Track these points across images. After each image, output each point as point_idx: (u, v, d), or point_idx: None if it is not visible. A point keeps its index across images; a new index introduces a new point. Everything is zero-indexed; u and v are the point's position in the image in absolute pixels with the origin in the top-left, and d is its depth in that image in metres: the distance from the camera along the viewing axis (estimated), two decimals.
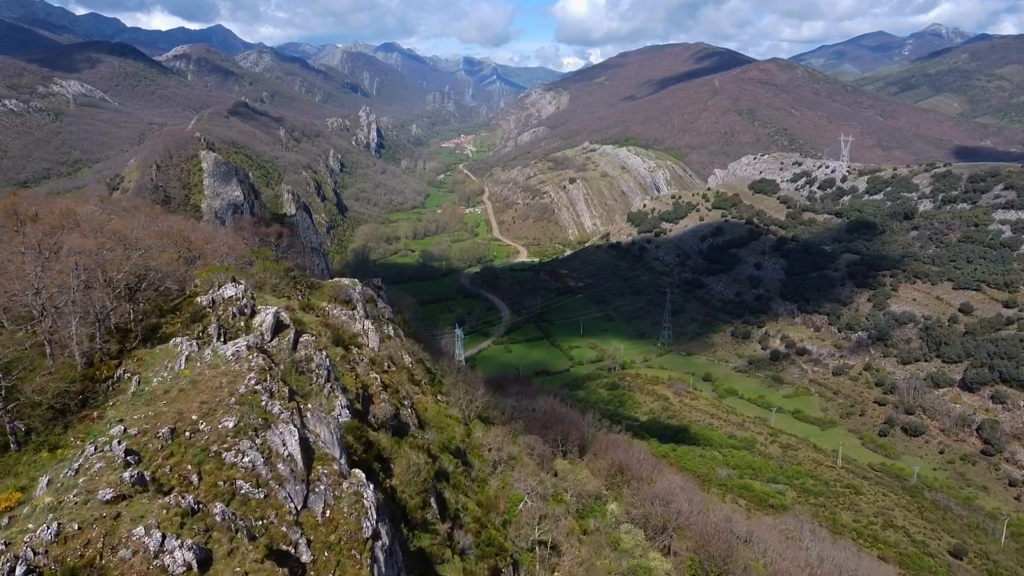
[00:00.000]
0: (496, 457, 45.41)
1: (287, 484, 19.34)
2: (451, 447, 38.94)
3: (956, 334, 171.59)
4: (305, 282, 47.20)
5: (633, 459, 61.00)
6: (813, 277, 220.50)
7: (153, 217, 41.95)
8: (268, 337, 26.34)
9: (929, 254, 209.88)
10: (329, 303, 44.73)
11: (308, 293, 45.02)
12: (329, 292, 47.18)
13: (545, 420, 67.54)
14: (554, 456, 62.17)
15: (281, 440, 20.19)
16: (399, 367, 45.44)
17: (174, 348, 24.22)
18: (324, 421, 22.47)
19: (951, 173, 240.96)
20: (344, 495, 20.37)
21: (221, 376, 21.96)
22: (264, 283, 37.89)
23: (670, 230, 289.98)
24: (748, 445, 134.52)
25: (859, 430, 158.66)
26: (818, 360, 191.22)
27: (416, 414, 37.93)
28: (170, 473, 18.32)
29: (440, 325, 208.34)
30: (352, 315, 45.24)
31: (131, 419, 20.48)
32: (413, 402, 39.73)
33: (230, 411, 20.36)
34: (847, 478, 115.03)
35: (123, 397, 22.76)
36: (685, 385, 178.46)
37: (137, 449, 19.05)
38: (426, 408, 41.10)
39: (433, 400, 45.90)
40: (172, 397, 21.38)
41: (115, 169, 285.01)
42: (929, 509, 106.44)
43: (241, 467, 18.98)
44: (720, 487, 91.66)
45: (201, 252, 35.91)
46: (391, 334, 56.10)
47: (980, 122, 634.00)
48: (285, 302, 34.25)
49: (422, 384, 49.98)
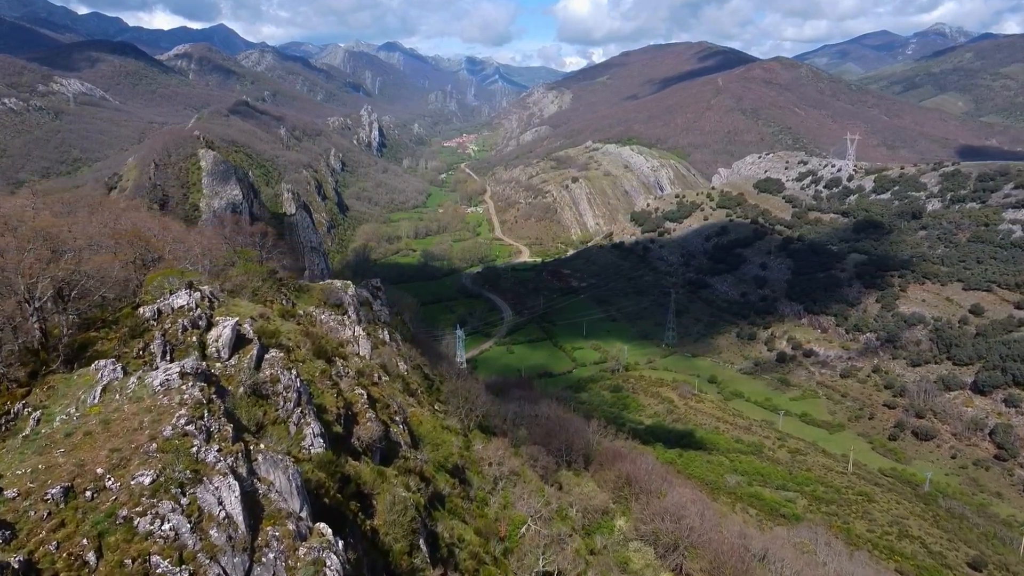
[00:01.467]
0: (497, 472, 42.40)
1: (222, 556, 15.24)
2: (448, 465, 35.89)
3: (967, 336, 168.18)
4: (293, 285, 44.14)
5: (641, 471, 57.92)
6: (820, 277, 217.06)
7: (116, 214, 38.52)
8: (226, 354, 22.34)
9: (938, 254, 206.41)
10: (317, 308, 41.67)
11: (295, 297, 41.99)
12: (318, 296, 44.11)
13: (548, 428, 64.51)
14: (558, 467, 59.17)
15: (216, 497, 15.97)
16: (393, 376, 42.44)
17: (94, 374, 19.38)
18: (281, 464, 18.06)
19: (960, 172, 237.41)
20: (301, 564, 16.09)
21: (143, 413, 17.46)
22: (244, 287, 34.67)
23: (674, 230, 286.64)
24: (756, 450, 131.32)
25: (868, 434, 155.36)
26: (825, 362, 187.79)
27: (409, 430, 34.81)
28: (56, 552, 13.83)
29: (441, 326, 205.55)
30: (342, 320, 42.14)
31: (12, 475, 16.11)
32: (406, 416, 36.64)
33: (148, 461, 16.20)
34: (859, 485, 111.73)
35: (12, 443, 17.58)
36: (690, 387, 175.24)
37: (13, 519, 14.66)
38: (421, 422, 37.95)
39: (429, 412, 42.75)
40: (75, 443, 16.85)
41: (114, 168, 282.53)
42: (944, 518, 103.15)
43: (159, 537, 14.87)
44: (729, 496, 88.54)
45: (162, 254, 32.54)
46: (386, 339, 53.05)
47: (985, 121, 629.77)
48: (262, 309, 31.14)
49: (418, 394, 46.95)
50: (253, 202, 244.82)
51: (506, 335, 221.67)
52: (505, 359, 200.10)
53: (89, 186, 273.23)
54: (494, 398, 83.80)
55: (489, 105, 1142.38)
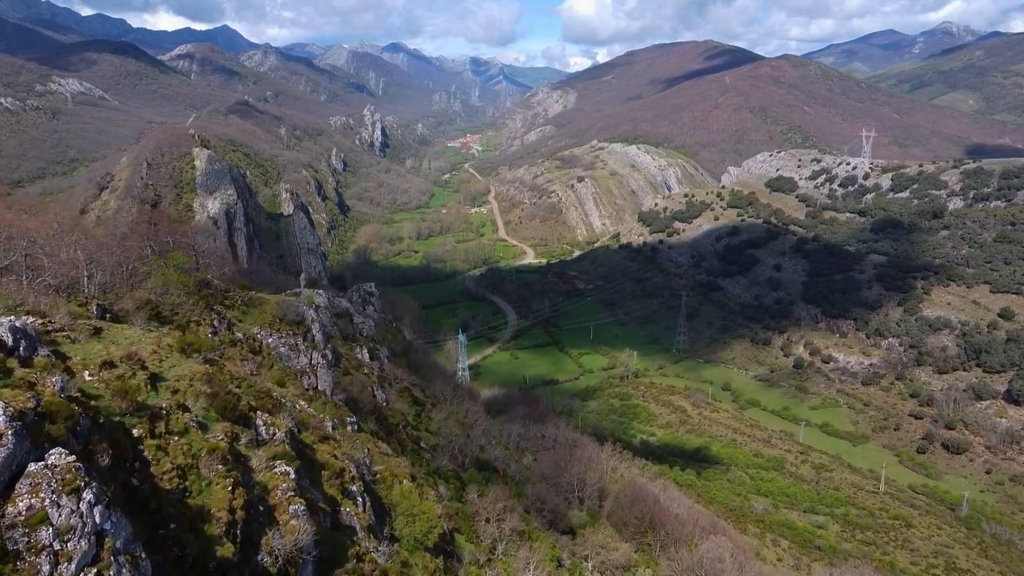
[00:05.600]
0: (496, 532, 34.23)
1: None
2: (429, 541, 27.58)
3: (997, 341, 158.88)
4: (242, 298, 35.60)
5: (668, 516, 49.49)
6: (837, 279, 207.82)
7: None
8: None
9: (962, 255, 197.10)
10: (267, 328, 33.49)
11: (240, 314, 33.58)
12: (272, 311, 35.80)
13: (557, 458, 56.10)
14: (569, 505, 50.66)
15: None
16: (364, 413, 34.22)
17: None
18: None
19: (982, 169, 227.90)
20: None
21: None
22: (145, 306, 26.25)
23: (683, 230, 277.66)
24: (777, 465, 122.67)
25: (894, 446, 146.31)
26: (845, 369, 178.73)
27: (375, 499, 26.39)
28: None
29: (443, 330, 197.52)
30: (296, 345, 33.86)
31: None
32: (374, 477, 28.26)
33: None
34: (893, 506, 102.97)
35: None
36: (704, 395, 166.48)
37: None
38: (393, 482, 29.34)
39: (409, 461, 34.06)
40: None
41: (110, 168, 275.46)
42: (991, 545, 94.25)
43: None
44: (758, 524, 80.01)
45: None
46: (365, 359, 44.70)
47: (997, 119, 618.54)
48: (152, 341, 22.78)
49: (400, 429, 38.56)
50: (248, 202, 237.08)
51: (510, 339, 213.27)
52: (509, 365, 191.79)
53: (82, 187, 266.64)
54: (496, 416, 75.55)
55: (493, 105, 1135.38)
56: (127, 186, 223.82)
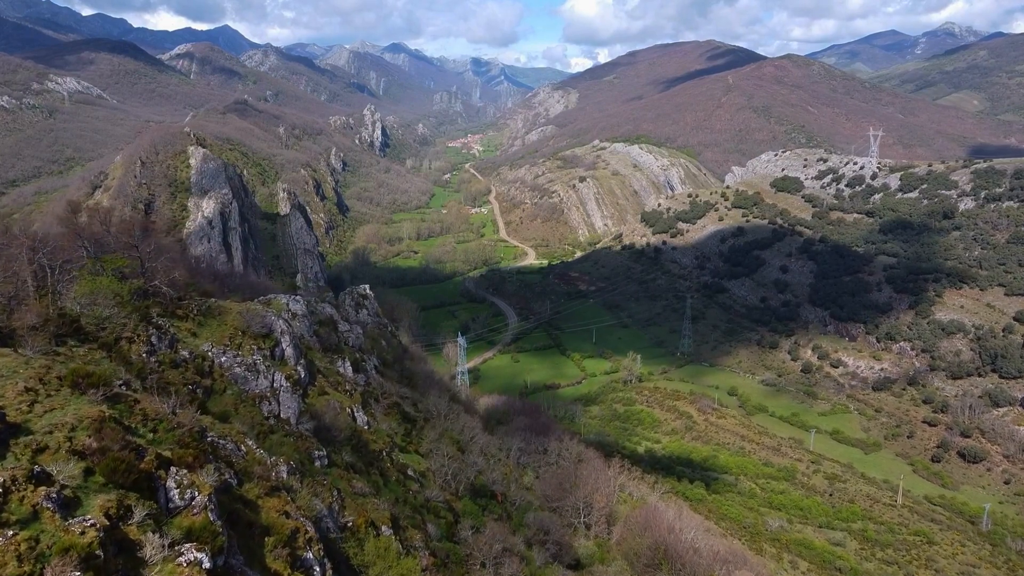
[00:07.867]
0: None
1: None
2: None
3: (1014, 346, 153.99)
4: (198, 306, 30.70)
5: (684, 546, 44.83)
6: (846, 282, 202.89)
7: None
8: None
9: (975, 256, 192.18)
10: (219, 345, 28.73)
11: (195, 325, 28.91)
12: (233, 323, 30.99)
13: (561, 478, 51.42)
14: (574, 533, 45.90)
15: None
16: (339, 445, 29.55)
17: None
18: None
19: (994, 169, 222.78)
20: None
21: None
22: (50, 322, 21.33)
23: (687, 230, 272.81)
24: (788, 475, 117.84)
25: (908, 454, 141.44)
26: (855, 374, 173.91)
27: (341, 563, 21.64)
28: None
29: (443, 332, 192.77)
30: (253, 365, 29.11)
31: None
32: (346, 529, 23.50)
33: None
34: (912, 521, 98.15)
35: None
36: (710, 401, 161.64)
37: None
38: (367, 534, 24.44)
39: (391, 502, 29.22)
40: None
41: (105, 167, 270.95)
42: (1018, 563, 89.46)
43: None
44: (773, 543, 75.26)
45: None
46: (348, 373, 40.04)
47: (1003, 119, 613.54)
48: (34, 373, 17.61)
49: (383, 457, 33.87)
50: (244, 201, 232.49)
51: (511, 342, 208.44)
52: (510, 369, 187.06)
53: (75, 186, 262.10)
54: (495, 428, 70.94)
55: (494, 106, 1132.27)
56: (120, 185, 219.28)
